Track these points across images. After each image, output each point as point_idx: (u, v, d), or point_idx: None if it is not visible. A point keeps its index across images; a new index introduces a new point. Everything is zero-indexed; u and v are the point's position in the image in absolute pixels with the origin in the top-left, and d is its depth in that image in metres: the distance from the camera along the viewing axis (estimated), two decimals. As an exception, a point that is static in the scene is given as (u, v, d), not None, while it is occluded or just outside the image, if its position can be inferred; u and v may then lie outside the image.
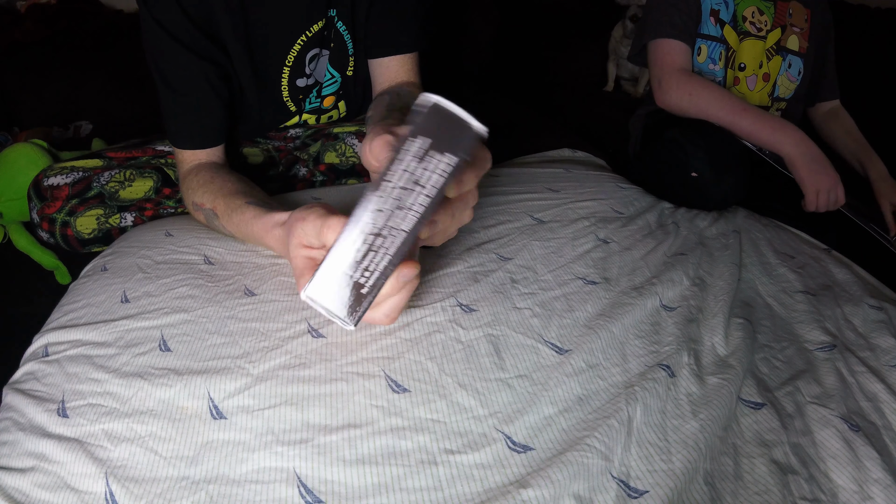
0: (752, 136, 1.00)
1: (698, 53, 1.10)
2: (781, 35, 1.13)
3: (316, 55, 0.83)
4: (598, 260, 0.70)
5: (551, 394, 0.50)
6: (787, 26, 1.13)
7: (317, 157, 0.89)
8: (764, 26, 1.11)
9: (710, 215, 0.91)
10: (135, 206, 0.79)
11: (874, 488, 0.46)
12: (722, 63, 1.11)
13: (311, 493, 0.41)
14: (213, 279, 0.63)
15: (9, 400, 0.51)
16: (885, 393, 0.56)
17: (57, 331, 0.56)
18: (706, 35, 1.09)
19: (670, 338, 0.59)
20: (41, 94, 1.40)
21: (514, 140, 1.15)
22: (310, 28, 0.79)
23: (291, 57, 0.81)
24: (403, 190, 0.40)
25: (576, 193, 0.87)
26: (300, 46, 0.80)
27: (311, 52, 0.82)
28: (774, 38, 1.12)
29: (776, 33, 1.12)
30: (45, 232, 0.77)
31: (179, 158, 0.75)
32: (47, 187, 0.77)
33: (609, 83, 1.97)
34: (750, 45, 1.10)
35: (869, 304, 0.70)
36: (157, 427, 0.46)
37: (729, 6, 1.10)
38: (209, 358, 0.52)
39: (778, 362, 0.60)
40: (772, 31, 1.12)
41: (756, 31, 1.11)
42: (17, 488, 0.43)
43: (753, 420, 0.52)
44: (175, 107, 0.72)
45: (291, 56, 0.81)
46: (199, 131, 0.73)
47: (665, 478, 0.44)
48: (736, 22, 1.10)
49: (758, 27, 1.11)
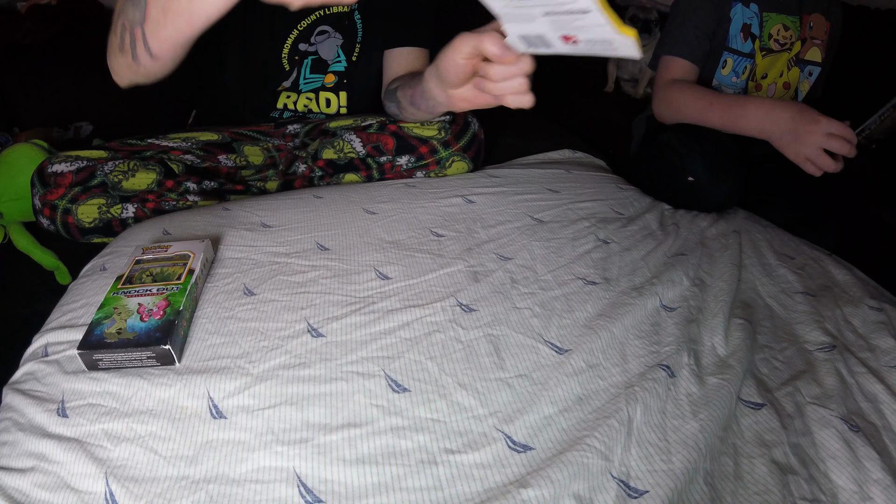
0: (727, 129, 0.98)
1: (723, 66, 1.10)
2: (801, 47, 1.13)
3: (325, 32, 0.89)
4: (598, 260, 0.70)
5: (551, 394, 0.50)
6: (807, 39, 1.13)
7: (315, 153, 0.89)
8: (788, 41, 1.11)
9: (709, 216, 0.91)
10: (137, 198, 0.79)
11: (874, 488, 0.46)
12: (745, 76, 1.11)
13: (311, 492, 0.41)
14: (212, 278, 0.63)
15: (9, 400, 0.51)
16: (885, 393, 0.56)
17: (57, 331, 0.56)
18: (735, 50, 1.09)
19: (670, 338, 0.59)
20: (41, 95, 1.40)
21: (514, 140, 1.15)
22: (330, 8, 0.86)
23: (305, 24, 0.87)
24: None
25: (576, 194, 0.87)
26: (315, 18, 0.86)
27: (322, 27, 0.88)
28: (795, 49, 1.13)
29: (796, 46, 1.13)
30: (47, 218, 0.77)
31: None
32: (51, 174, 0.77)
33: (609, 84, 1.97)
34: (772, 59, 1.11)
35: (869, 304, 0.70)
36: (157, 427, 0.46)
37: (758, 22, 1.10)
38: (209, 358, 0.52)
39: (778, 363, 0.60)
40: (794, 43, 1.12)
41: (780, 47, 1.11)
42: (17, 488, 0.43)
43: (753, 420, 0.52)
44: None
45: (305, 23, 0.87)
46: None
47: (665, 478, 0.44)
48: (762, 39, 1.10)
49: (782, 43, 1.11)
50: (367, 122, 0.89)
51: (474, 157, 0.93)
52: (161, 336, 0.50)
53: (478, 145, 0.92)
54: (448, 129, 0.89)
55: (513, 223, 0.76)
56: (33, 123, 1.38)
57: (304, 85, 0.93)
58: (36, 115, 1.40)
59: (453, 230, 0.74)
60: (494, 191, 0.84)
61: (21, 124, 1.39)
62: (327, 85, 0.94)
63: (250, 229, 0.70)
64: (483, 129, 0.93)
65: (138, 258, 0.61)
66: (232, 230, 0.70)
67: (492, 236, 0.73)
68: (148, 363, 0.51)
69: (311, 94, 0.94)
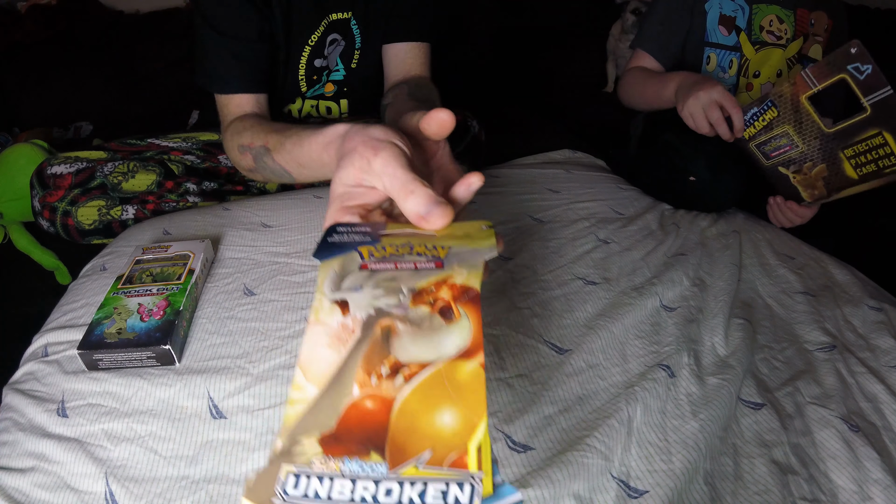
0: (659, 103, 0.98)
1: (707, 62, 1.09)
2: (803, 44, 1.11)
3: (335, 41, 0.86)
4: (598, 260, 0.70)
5: (551, 393, 0.50)
6: (809, 35, 1.11)
7: None
8: (784, 34, 1.10)
9: (710, 216, 0.91)
10: (137, 199, 0.79)
11: (874, 488, 0.46)
12: (734, 71, 1.10)
13: (311, 492, 0.41)
14: (212, 278, 0.63)
15: (9, 400, 0.51)
16: (885, 393, 0.56)
17: (57, 331, 0.56)
18: (715, 44, 1.09)
19: (670, 338, 0.59)
20: (41, 95, 1.41)
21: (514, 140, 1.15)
22: (335, 13, 0.82)
23: (315, 37, 0.84)
24: None
25: (576, 194, 0.87)
26: (324, 28, 0.83)
27: (332, 35, 0.85)
28: (796, 47, 1.11)
29: (797, 43, 1.11)
30: (46, 220, 0.77)
31: (225, 111, 0.75)
32: (50, 176, 0.77)
33: (609, 84, 1.97)
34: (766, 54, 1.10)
35: (869, 304, 0.70)
36: (157, 427, 0.46)
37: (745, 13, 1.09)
38: (209, 358, 0.52)
39: (778, 363, 0.60)
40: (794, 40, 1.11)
41: (775, 39, 1.09)
42: (17, 488, 0.43)
43: (753, 420, 0.52)
44: (227, 54, 0.73)
45: (315, 36, 0.84)
46: (251, 76, 0.74)
47: (665, 478, 0.44)
48: (751, 30, 1.08)
49: (777, 35, 1.09)
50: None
51: (474, 160, 0.93)
52: (161, 336, 0.50)
53: (478, 148, 0.92)
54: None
55: (513, 223, 0.76)
56: (33, 123, 1.38)
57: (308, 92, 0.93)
58: (36, 115, 1.40)
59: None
60: (494, 191, 0.84)
61: (21, 124, 1.39)
62: (326, 94, 0.93)
63: (250, 229, 0.70)
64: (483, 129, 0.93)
65: (138, 258, 0.61)
66: (232, 230, 0.70)
67: (492, 236, 0.73)
68: (148, 363, 0.51)
69: (314, 101, 0.93)
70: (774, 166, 0.84)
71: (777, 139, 0.81)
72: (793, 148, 0.80)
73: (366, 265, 0.35)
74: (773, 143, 0.82)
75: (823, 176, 0.79)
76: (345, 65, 0.90)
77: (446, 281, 0.33)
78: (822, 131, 0.75)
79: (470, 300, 0.32)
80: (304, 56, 0.85)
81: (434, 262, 0.35)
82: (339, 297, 0.33)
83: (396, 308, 0.32)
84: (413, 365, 0.28)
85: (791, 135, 0.78)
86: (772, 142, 0.82)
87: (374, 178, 0.42)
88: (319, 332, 0.31)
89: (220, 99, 0.75)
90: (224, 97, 0.74)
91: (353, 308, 0.32)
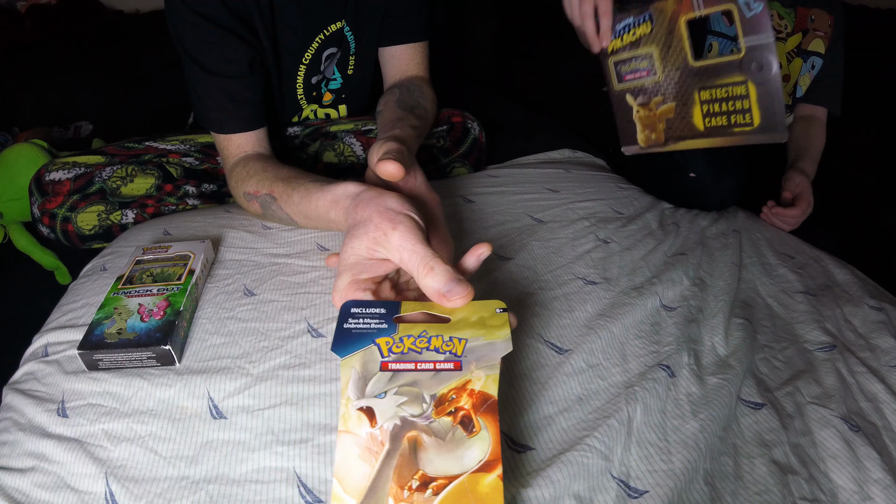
0: None
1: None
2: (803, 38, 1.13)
3: (332, 54, 0.85)
4: (598, 260, 0.70)
5: (551, 394, 0.50)
6: (809, 30, 1.13)
7: (315, 155, 0.89)
8: (784, 30, 1.11)
9: (710, 215, 0.91)
10: (136, 203, 0.78)
11: (874, 488, 0.46)
12: None
13: (311, 492, 0.41)
14: (212, 279, 0.63)
15: (9, 400, 0.51)
16: (885, 393, 0.56)
17: (57, 331, 0.56)
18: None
19: (670, 338, 0.59)
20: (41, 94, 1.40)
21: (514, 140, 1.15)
22: (328, 27, 0.80)
23: (309, 55, 0.82)
24: None
25: (576, 194, 0.87)
26: (318, 45, 0.81)
27: (328, 50, 0.84)
28: (795, 41, 1.12)
29: (797, 37, 1.12)
30: (46, 227, 0.77)
31: (226, 152, 0.73)
32: (49, 182, 0.77)
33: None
34: None
35: (869, 304, 0.70)
36: (157, 427, 0.46)
37: None
38: (209, 358, 0.52)
39: (778, 362, 0.60)
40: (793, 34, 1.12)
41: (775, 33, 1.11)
42: (17, 488, 0.43)
43: (753, 420, 0.52)
44: (219, 93, 0.71)
45: (309, 54, 0.82)
46: (247, 113, 0.72)
47: (665, 478, 0.44)
48: None
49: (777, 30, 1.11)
50: (367, 127, 0.88)
51: (475, 162, 0.93)
52: (161, 336, 0.50)
53: (479, 150, 0.92)
54: (446, 138, 0.88)
55: (513, 223, 0.76)
56: (33, 123, 1.38)
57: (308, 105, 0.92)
58: (36, 115, 1.40)
59: (453, 230, 0.73)
60: (494, 191, 0.84)
61: (21, 124, 1.39)
62: (325, 102, 0.92)
63: (250, 230, 0.70)
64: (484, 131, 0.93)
65: (139, 258, 0.61)
66: (232, 231, 0.70)
67: (491, 236, 0.73)
68: (148, 363, 0.51)
69: (314, 106, 0.93)
70: (623, 92, 0.75)
71: (638, 60, 0.71)
72: (650, 74, 0.70)
73: (386, 364, 0.37)
74: (632, 63, 0.72)
75: (668, 118, 0.70)
76: (341, 72, 0.89)
77: (465, 387, 0.35)
78: (687, 63, 0.66)
79: (488, 409, 0.35)
80: (300, 75, 0.83)
81: (452, 363, 0.36)
82: (364, 404, 0.35)
83: (421, 419, 0.34)
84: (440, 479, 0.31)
85: (654, 59, 0.69)
86: (632, 62, 0.72)
87: (391, 252, 0.43)
88: (350, 442, 0.34)
89: (220, 139, 0.73)
90: (223, 137, 0.73)
91: (380, 417, 0.34)
